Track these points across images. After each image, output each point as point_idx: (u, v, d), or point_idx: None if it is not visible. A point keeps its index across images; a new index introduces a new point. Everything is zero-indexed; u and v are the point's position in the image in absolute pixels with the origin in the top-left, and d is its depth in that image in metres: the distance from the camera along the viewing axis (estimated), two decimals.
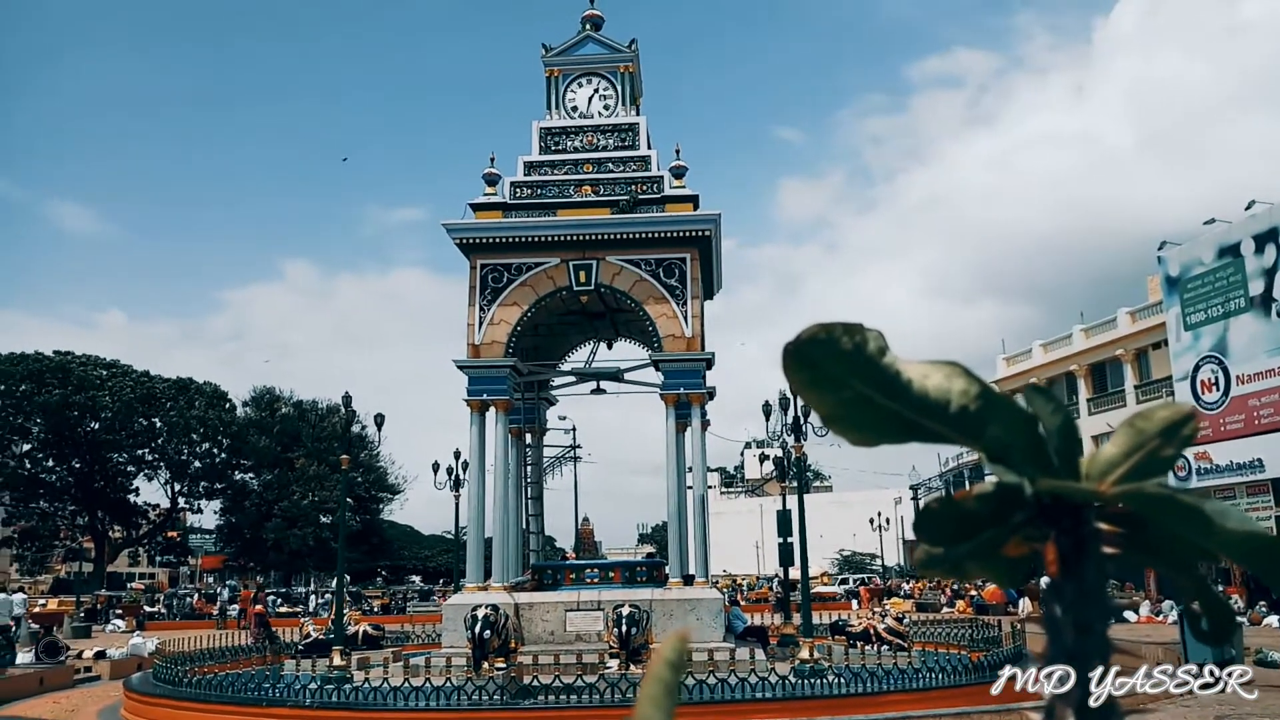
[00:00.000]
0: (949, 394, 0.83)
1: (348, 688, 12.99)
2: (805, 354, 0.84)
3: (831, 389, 0.85)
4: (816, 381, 0.85)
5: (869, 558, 63.62)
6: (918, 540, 0.88)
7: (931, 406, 0.84)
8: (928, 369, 0.85)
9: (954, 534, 0.86)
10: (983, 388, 0.83)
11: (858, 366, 0.83)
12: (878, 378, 0.84)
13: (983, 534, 0.86)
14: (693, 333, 17.18)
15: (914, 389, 0.83)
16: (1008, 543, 0.85)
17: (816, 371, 0.85)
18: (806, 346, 0.84)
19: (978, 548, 0.87)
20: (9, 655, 19.99)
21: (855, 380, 0.84)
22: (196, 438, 57.05)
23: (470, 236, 17.59)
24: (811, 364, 0.84)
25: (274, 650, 20.25)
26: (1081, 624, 0.79)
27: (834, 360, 0.84)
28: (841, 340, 0.84)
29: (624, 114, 18.64)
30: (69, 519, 56.96)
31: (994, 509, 0.85)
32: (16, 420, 52.76)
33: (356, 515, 58.25)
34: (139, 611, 41.59)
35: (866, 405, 0.85)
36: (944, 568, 0.90)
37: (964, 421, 0.83)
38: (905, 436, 0.87)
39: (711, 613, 16.09)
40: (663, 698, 0.60)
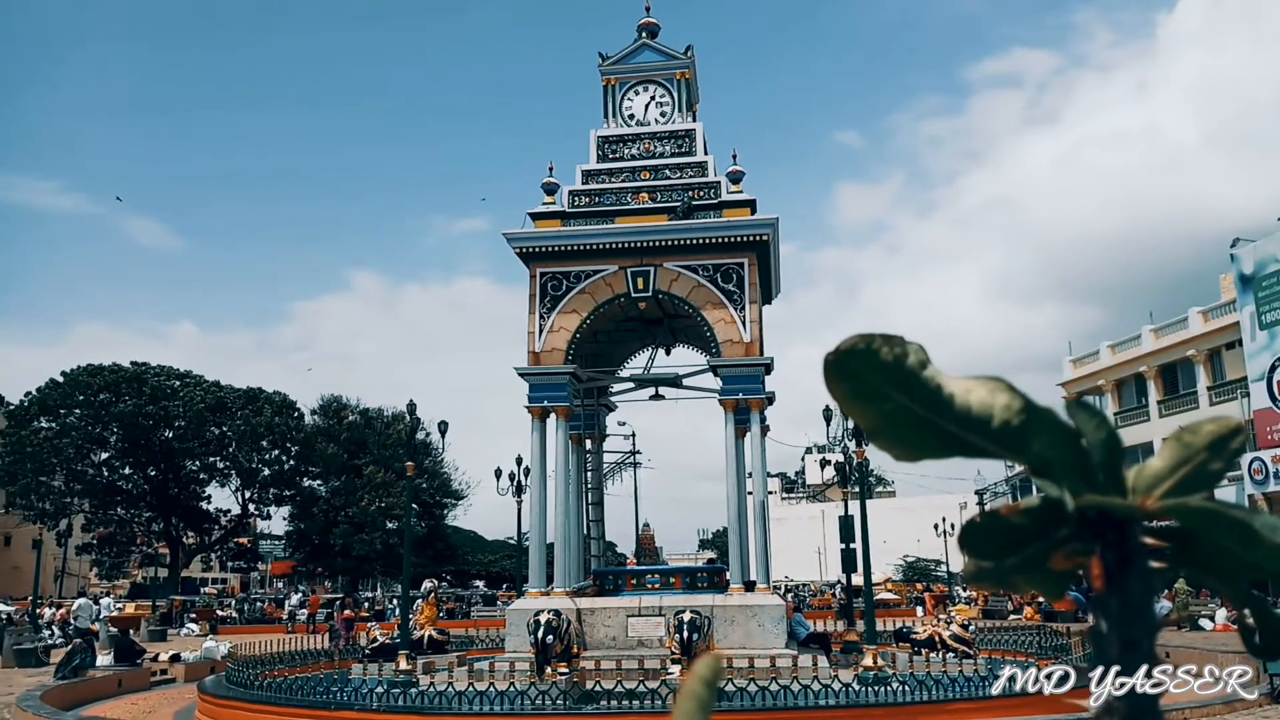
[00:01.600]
0: (991, 409, 0.83)
1: (414, 692, 13.17)
2: (845, 366, 0.85)
3: (873, 401, 0.85)
4: (858, 394, 0.85)
5: (933, 564, 62.60)
6: (963, 554, 0.88)
7: (974, 421, 0.83)
8: (970, 384, 0.84)
9: (1000, 548, 0.86)
10: (1026, 402, 0.83)
11: (899, 379, 0.83)
12: (919, 391, 0.83)
13: (1028, 548, 0.85)
14: (751, 338, 17.12)
15: (956, 403, 0.83)
16: (1053, 556, 0.85)
17: (857, 384, 0.85)
18: (846, 358, 0.84)
19: (1023, 561, 0.86)
20: (90, 658, 20.62)
21: (896, 393, 0.84)
22: (266, 445, 58.38)
23: (529, 245, 17.75)
24: (852, 376, 0.85)
25: (340, 654, 20.62)
26: (1127, 639, 0.78)
27: (874, 372, 0.84)
28: (882, 352, 0.84)
29: (680, 120, 18.66)
30: (145, 525, 58.64)
31: (1038, 523, 0.84)
32: (95, 430, 54.53)
33: (421, 521, 59.04)
34: (212, 616, 42.65)
35: (909, 419, 0.85)
36: (991, 580, 0.90)
37: (1007, 436, 0.83)
38: (948, 451, 0.87)
39: (773, 619, 15.99)
40: (696, 714, 0.61)
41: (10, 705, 15.98)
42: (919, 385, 0.83)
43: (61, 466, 54.39)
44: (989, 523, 0.86)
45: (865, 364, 0.84)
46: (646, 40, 19.10)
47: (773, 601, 16.49)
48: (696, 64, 19.12)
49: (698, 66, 19.21)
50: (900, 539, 62.69)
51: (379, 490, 58.32)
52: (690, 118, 18.83)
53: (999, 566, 0.87)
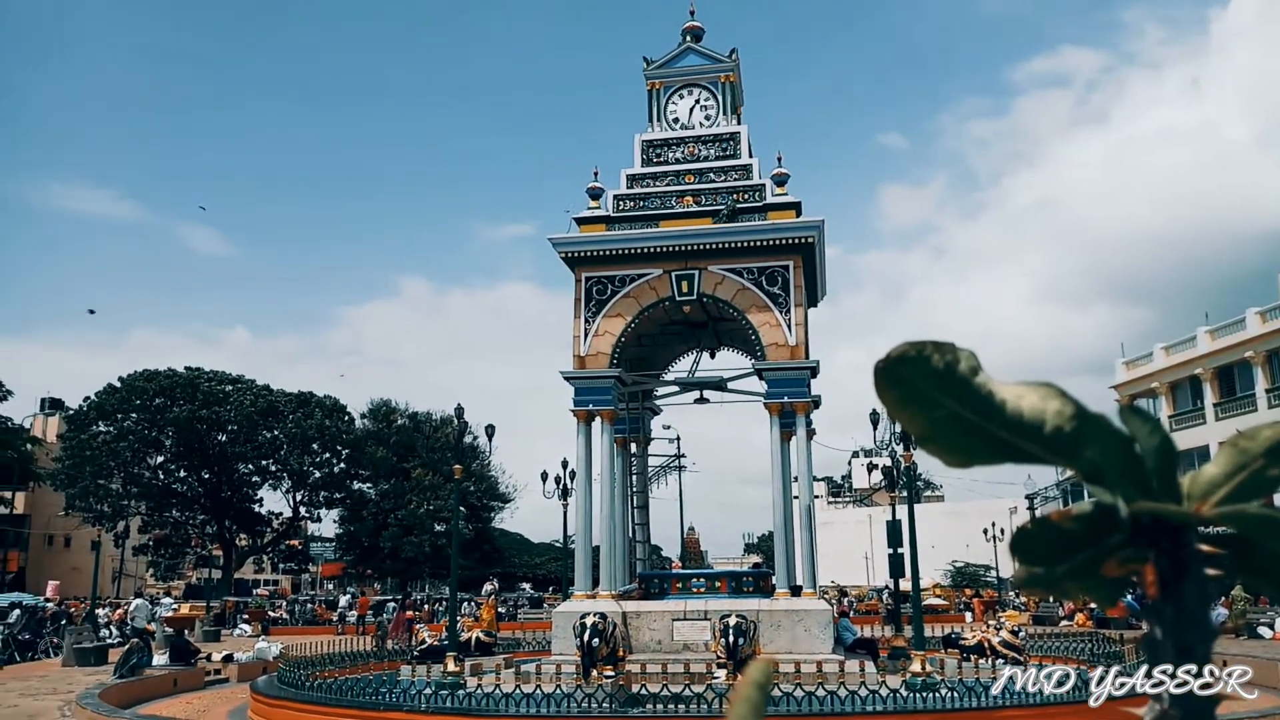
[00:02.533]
0: (1043, 415, 0.83)
1: (461, 693, 13.28)
2: (896, 372, 0.85)
3: (923, 408, 0.85)
4: (908, 400, 0.86)
5: (983, 569, 61.76)
6: (1014, 560, 0.88)
7: (1026, 427, 0.83)
8: (1022, 389, 0.84)
9: (1051, 554, 0.86)
10: (1078, 408, 0.83)
11: (949, 385, 0.83)
12: (970, 397, 0.84)
13: (1080, 554, 0.85)
14: (796, 341, 17.03)
15: (1008, 409, 0.83)
16: (1106, 563, 0.84)
17: (908, 390, 0.85)
18: (896, 364, 0.85)
19: (1075, 568, 0.86)
20: (147, 657, 21.05)
21: (947, 399, 0.84)
22: (317, 449, 59.22)
23: (574, 249, 17.83)
24: (902, 382, 0.85)
25: (390, 655, 20.84)
26: (1182, 646, 0.78)
27: (925, 379, 0.84)
28: (932, 358, 0.84)
29: (725, 123, 18.64)
30: (199, 527, 59.78)
31: (1091, 530, 0.84)
32: (151, 434, 55.74)
33: (469, 524, 59.52)
34: (264, 617, 43.35)
35: (959, 425, 0.85)
36: (1043, 587, 0.90)
37: (1059, 443, 0.82)
38: (999, 457, 0.87)
39: (820, 624, 15.88)
40: (749, 718, 0.62)
41: (71, 702, 16.39)
42: (970, 391, 0.83)
43: (119, 469, 55.65)
44: (1040, 529, 0.86)
45: (916, 370, 0.84)
46: (691, 44, 19.12)
47: (819, 606, 16.38)
48: (741, 66, 19.09)
49: (742, 69, 19.19)
50: (949, 544, 61.93)
51: (427, 493, 58.93)
52: (735, 120, 18.80)
53: (1050, 573, 0.86)
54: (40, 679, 21.55)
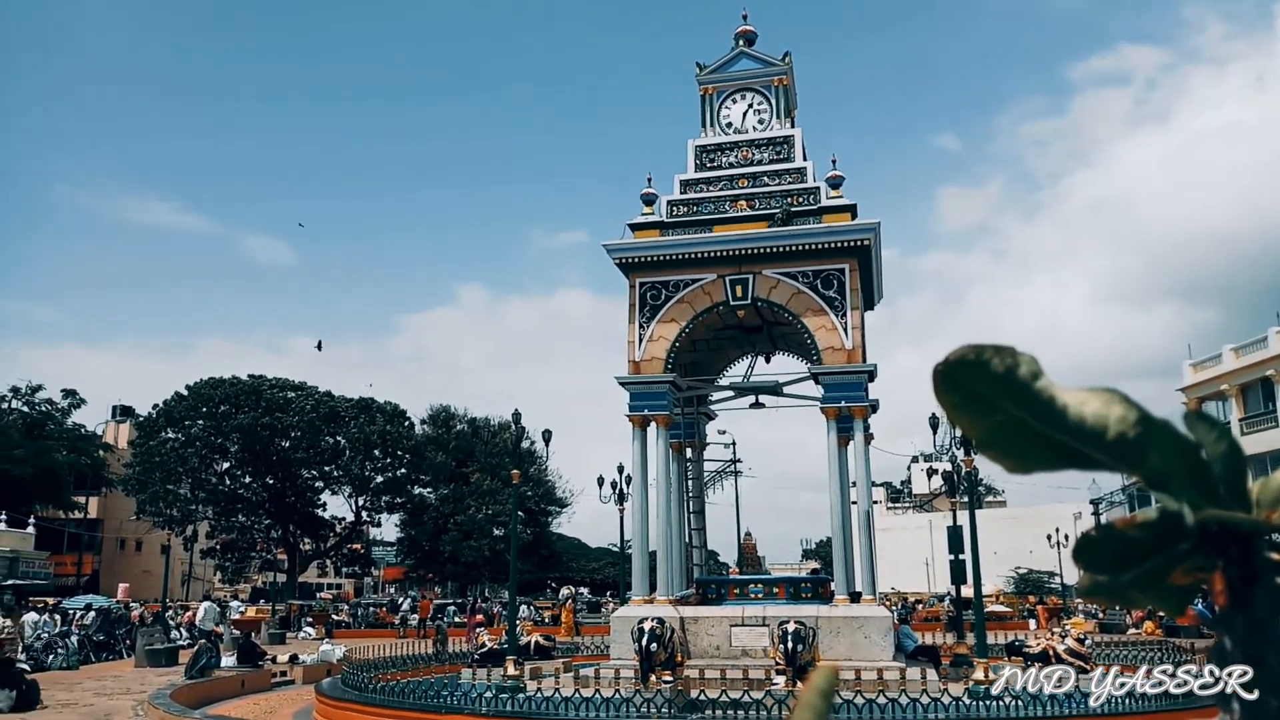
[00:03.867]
0: (1106, 420, 0.82)
1: (521, 697, 13.37)
2: (955, 377, 0.84)
3: (983, 412, 0.85)
4: (967, 404, 0.85)
5: (1047, 576, 60.54)
6: (1078, 568, 0.87)
7: (1088, 433, 0.82)
8: (1084, 395, 0.83)
9: (1116, 562, 0.85)
10: (1142, 414, 0.82)
11: (1010, 390, 0.83)
12: (1031, 402, 0.83)
13: (1146, 563, 0.84)
14: (853, 344, 16.88)
15: (1069, 415, 0.82)
16: (1173, 572, 0.83)
17: (967, 394, 0.84)
18: (956, 369, 0.84)
19: (1142, 576, 0.85)
20: (215, 659, 21.54)
21: (1007, 404, 0.83)
22: (378, 454, 60.09)
23: (629, 256, 17.88)
24: (962, 386, 0.84)
25: (451, 658, 21.06)
26: (1253, 657, 0.76)
27: (985, 383, 0.83)
28: (992, 363, 0.83)
29: (779, 127, 18.56)
30: (265, 532, 61.00)
31: (1157, 538, 0.83)
32: (217, 440, 57.04)
33: (527, 528, 59.93)
34: (328, 620, 44.09)
35: (1020, 430, 0.84)
36: (1108, 595, 0.88)
37: (1123, 449, 0.81)
38: (1061, 464, 0.86)
39: (880, 631, 15.70)
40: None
41: (143, 702, 16.83)
42: (1031, 397, 0.82)
43: (187, 475, 57.04)
44: (1105, 537, 0.85)
45: (975, 375, 0.83)
46: (744, 48, 19.06)
47: (879, 613, 16.19)
48: (794, 70, 19.00)
49: (795, 72, 19.09)
50: (1012, 550, 60.81)
51: (486, 497, 59.48)
52: (789, 124, 18.71)
53: (1116, 581, 0.85)
54: (114, 679, 22.16)
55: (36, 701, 17.10)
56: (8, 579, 43.70)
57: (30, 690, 17.11)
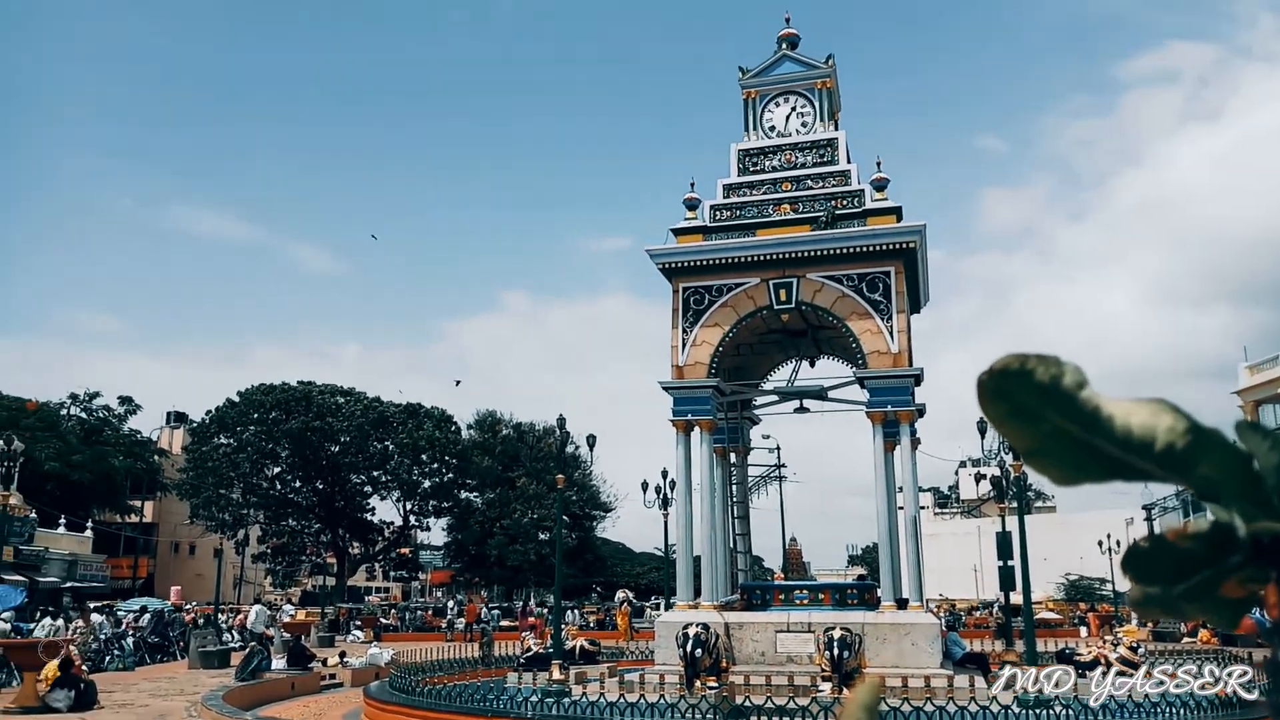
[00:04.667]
0: (1154, 431, 0.81)
1: (566, 701, 13.41)
2: (999, 387, 0.84)
3: (1028, 423, 0.84)
4: (1012, 415, 0.84)
5: (1098, 583, 59.44)
6: (1127, 579, 0.86)
7: (1136, 444, 0.81)
8: (1131, 405, 0.82)
9: (1167, 574, 0.84)
10: (1191, 424, 0.80)
11: (1055, 400, 0.82)
12: (1076, 413, 0.82)
13: (1198, 574, 0.82)
14: (899, 348, 16.72)
15: (1116, 425, 0.81)
16: (1225, 584, 0.81)
17: (1011, 404, 0.84)
18: (1000, 378, 0.83)
19: (1193, 589, 0.83)
20: (266, 661, 21.86)
21: (1052, 414, 0.82)
22: (426, 459, 60.67)
23: (672, 260, 17.89)
24: (1006, 396, 0.84)
25: (496, 662, 21.18)
26: None
27: (1029, 394, 0.83)
28: (1037, 372, 0.83)
29: (822, 130, 18.46)
30: (314, 536, 61.84)
31: (1209, 549, 0.81)
32: (268, 446, 57.98)
33: (571, 533, 60.11)
34: (376, 623, 44.56)
35: (1066, 441, 0.83)
36: (1159, 607, 0.87)
37: (1171, 460, 0.80)
38: (1109, 475, 0.84)
39: (927, 638, 15.52)
40: None
41: (196, 703, 17.13)
42: (1076, 407, 0.81)
43: (239, 480, 58.03)
44: (1155, 548, 0.83)
45: (1020, 385, 0.83)
46: (787, 51, 19.00)
47: (926, 619, 16.01)
48: (838, 72, 18.89)
49: (839, 74, 18.99)
50: (1062, 556, 59.78)
51: (531, 502, 59.78)
52: (832, 126, 18.61)
53: (1167, 593, 0.84)
54: (168, 680, 22.59)
55: (94, 702, 17.48)
56: (67, 581, 44.74)
57: (88, 690, 17.50)
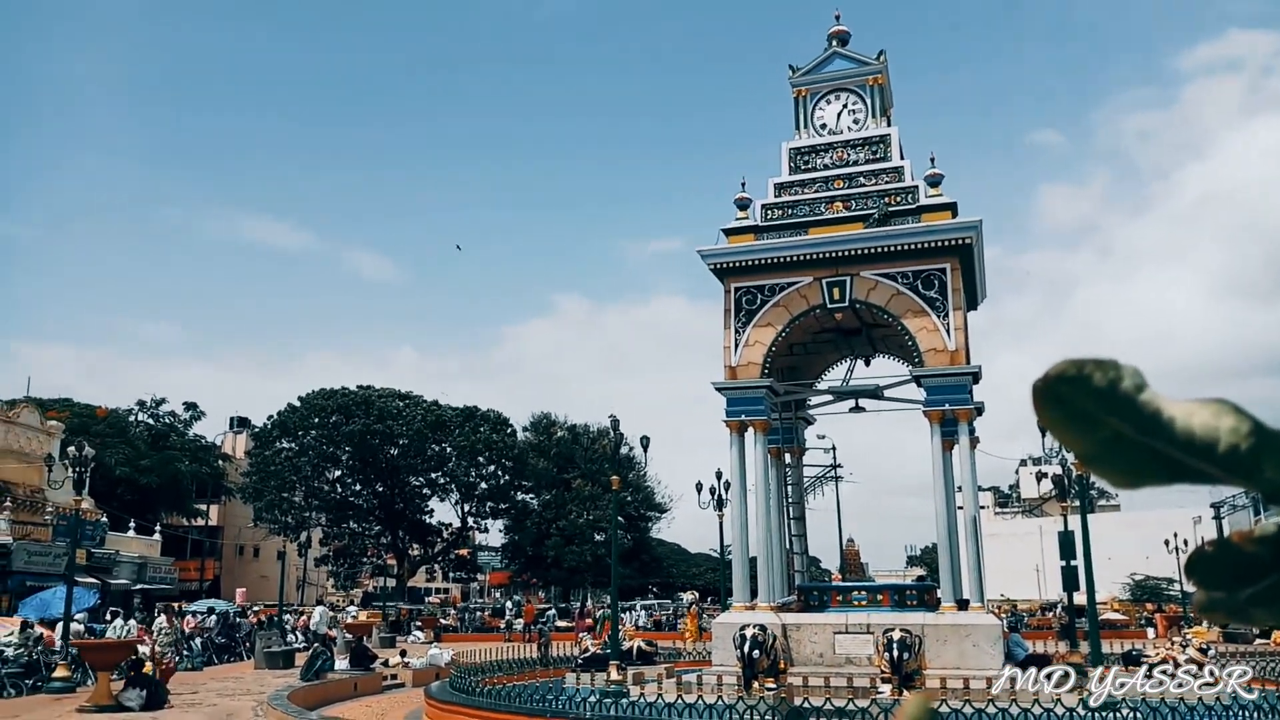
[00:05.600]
0: (1217, 432, 0.79)
1: (625, 702, 13.45)
2: (1055, 392, 0.83)
3: (1086, 428, 0.83)
4: (1070, 420, 0.83)
5: (1165, 583, 58.05)
6: (1191, 584, 0.85)
7: (1198, 446, 0.80)
8: (1192, 407, 0.81)
9: (1233, 578, 0.82)
10: (1255, 425, 0.79)
11: (1113, 405, 0.81)
12: (1136, 416, 0.81)
13: (1266, 579, 0.81)
14: (956, 345, 16.50)
15: (1177, 428, 0.80)
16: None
17: (1069, 410, 0.83)
18: (1056, 384, 0.83)
19: (1261, 593, 0.82)
20: (329, 662, 22.24)
21: (1111, 419, 0.81)
22: (483, 461, 61.28)
23: (723, 260, 17.86)
24: (1063, 402, 0.83)
25: (550, 663, 21.31)
26: None
27: (1087, 398, 0.82)
28: (1094, 377, 0.82)
29: (874, 126, 18.29)
30: (375, 538, 62.76)
31: (1275, 553, 0.80)
32: (329, 449, 58.98)
33: (627, 534, 60.27)
34: (436, 624, 45.10)
35: (1126, 445, 0.82)
36: (1225, 612, 0.86)
37: (1235, 462, 0.79)
38: (1170, 478, 0.83)
39: (988, 639, 15.29)
40: None
41: (263, 703, 17.49)
42: (1135, 410, 0.80)
43: (301, 483, 59.12)
44: (1221, 552, 0.82)
45: (1077, 390, 0.82)
46: (837, 49, 18.85)
47: (988, 620, 15.78)
48: (889, 68, 18.70)
49: (890, 70, 18.79)
50: (1127, 556, 58.48)
51: (587, 503, 60.08)
52: (885, 122, 18.43)
53: (1233, 598, 0.82)
54: (235, 680, 23.09)
55: (165, 701, 17.94)
56: (137, 583, 45.93)
57: (159, 690, 17.96)
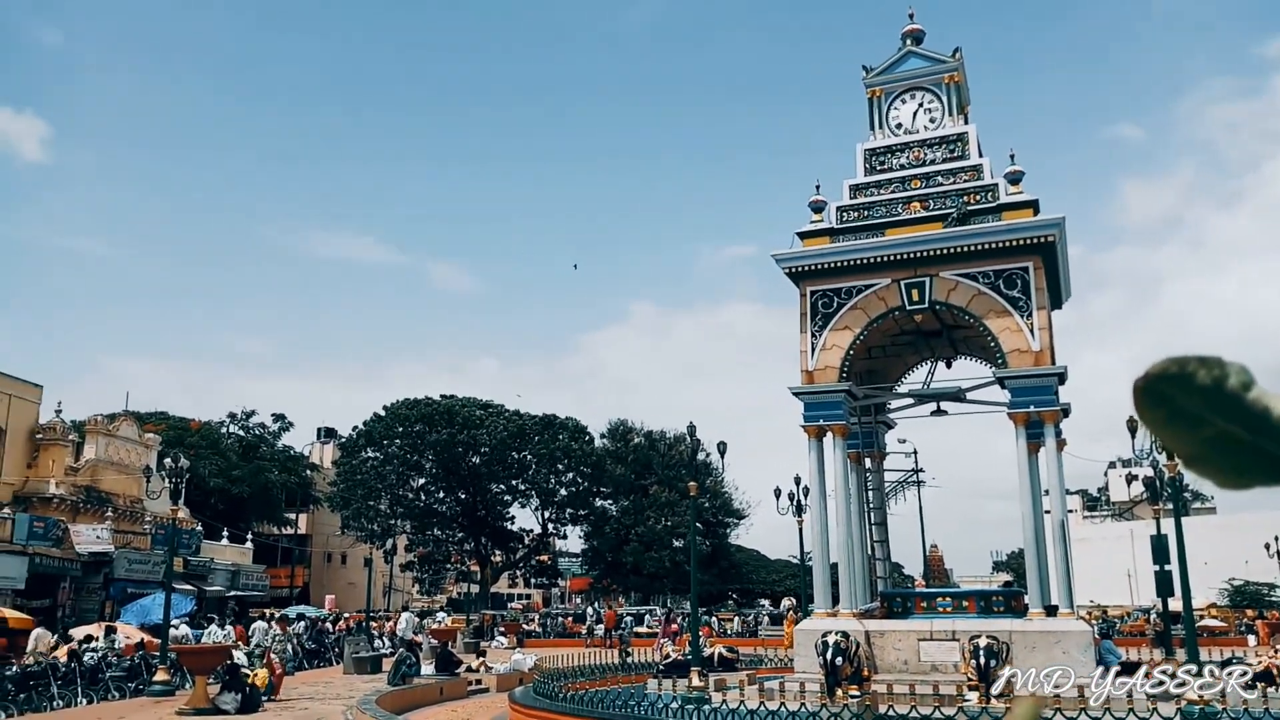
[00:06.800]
0: None
1: (707, 708, 13.41)
2: (1157, 390, 0.83)
3: (1190, 428, 0.83)
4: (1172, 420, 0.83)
5: (1266, 588, 55.71)
6: None
7: None
8: None
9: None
10: None
11: (1218, 403, 0.81)
12: (1242, 415, 0.80)
13: None
14: (1040, 346, 16.12)
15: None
16: None
17: (1172, 409, 0.83)
18: (1158, 382, 0.82)
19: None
20: (416, 667, 22.65)
21: (1216, 417, 0.81)
22: (562, 468, 61.86)
23: (798, 264, 17.73)
24: (1166, 401, 0.83)
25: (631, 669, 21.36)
26: None
27: (1190, 397, 0.81)
28: (1198, 375, 0.81)
29: (951, 124, 17.99)
30: (458, 544, 63.76)
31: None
32: (413, 458, 60.14)
33: (705, 540, 60.13)
34: (518, 629, 45.58)
35: (1232, 444, 0.82)
36: None
37: None
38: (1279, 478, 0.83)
39: (1079, 646, 14.87)
40: None
41: (352, 707, 17.89)
42: (1243, 409, 0.80)
43: (386, 491, 60.38)
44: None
45: (1180, 388, 0.81)
46: (912, 47, 18.60)
47: (1078, 627, 15.35)
48: (965, 65, 18.39)
49: (967, 67, 18.48)
50: (1224, 560, 56.29)
51: (664, 509, 60.16)
52: (961, 120, 18.12)
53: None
54: (325, 684, 23.67)
55: (259, 705, 18.48)
56: (230, 590, 47.40)
57: (253, 694, 18.50)
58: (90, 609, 37.25)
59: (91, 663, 22.03)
